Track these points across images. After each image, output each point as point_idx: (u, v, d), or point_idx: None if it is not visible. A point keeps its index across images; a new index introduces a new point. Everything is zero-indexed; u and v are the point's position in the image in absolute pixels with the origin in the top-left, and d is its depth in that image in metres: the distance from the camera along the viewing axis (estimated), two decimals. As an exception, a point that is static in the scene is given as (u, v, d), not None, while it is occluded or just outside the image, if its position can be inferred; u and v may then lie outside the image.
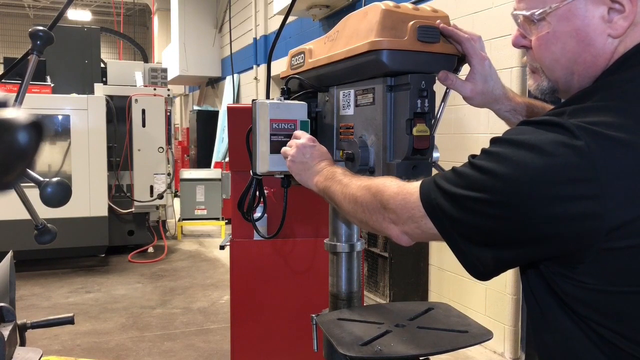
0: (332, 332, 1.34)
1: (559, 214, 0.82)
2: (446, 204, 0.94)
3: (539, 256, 0.90)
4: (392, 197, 1.04)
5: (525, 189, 0.84)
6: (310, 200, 2.93)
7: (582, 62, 0.96)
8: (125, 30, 14.20)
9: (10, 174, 0.57)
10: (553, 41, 0.97)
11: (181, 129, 14.62)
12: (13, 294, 1.30)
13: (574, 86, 0.99)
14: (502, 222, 0.87)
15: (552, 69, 1.00)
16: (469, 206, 0.90)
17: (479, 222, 0.90)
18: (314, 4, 6.52)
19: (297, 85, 1.59)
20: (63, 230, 2.03)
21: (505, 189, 0.86)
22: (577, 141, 0.82)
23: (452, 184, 0.94)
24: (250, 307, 3.08)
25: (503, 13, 3.82)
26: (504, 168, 0.86)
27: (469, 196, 0.90)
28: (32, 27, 1.23)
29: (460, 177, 0.93)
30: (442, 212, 0.94)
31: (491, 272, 0.94)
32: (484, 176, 0.89)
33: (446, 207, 0.93)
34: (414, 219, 1.00)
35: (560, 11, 0.95)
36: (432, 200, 0.96)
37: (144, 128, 6.91)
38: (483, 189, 0.88)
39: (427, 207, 0.97)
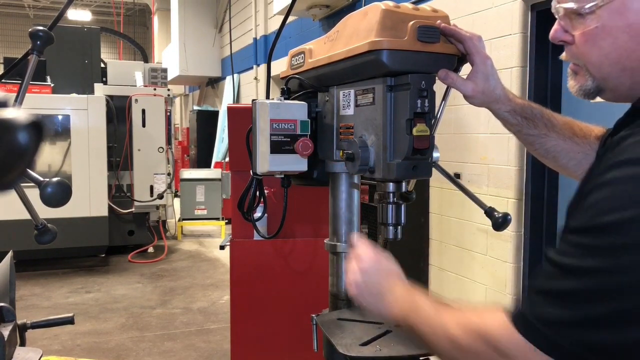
0: (332, 332, 1.34)
1: None
2: (584, 335, 0.74)
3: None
4: (509, 343, 0.84)
5: None
6: (310, 200, 2.94)
7: (636, 59, 0.89)
8: (125, 30, 14.21)
9: (10, 174, 0.57)
10: (603, 36, 0.91)
11: (181, 129, 14.62)
12: (13, 294, 1.30)
13: (625, 83, 0.93)
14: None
15: (600, 66, 0.93)
16: (625, 317, 0.72)
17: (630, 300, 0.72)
18: (314, 4, 6.52)
19: (297, 85, 1.59)
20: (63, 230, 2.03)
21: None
22: None
23: (576, 306, 0.75)
24: (250, 307, 3.08)
25: (503, 13, 3.82)
26: (633, 211, 0.72)
27: (622, 301, 0.72)
28: (32, 27, 1.23)
29: (572, 296, 0.76)
30: (581, 350, 0.75)
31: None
32: (631, 255, 0.71)
33: (586, 339, 0.75)
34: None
35: (614, 5, 0.89)
36: (549, 340, 0.77)
37: (144, 128, 6.91)
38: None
39: (548, 349, 0.78)
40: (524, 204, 3.75)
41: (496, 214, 1.34)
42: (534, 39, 3.68)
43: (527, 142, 1.35)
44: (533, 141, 1.33)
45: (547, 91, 3.72)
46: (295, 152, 1.45)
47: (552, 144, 1.30)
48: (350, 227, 1.63)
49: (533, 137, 1.32)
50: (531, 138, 1.33)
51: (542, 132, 1.31)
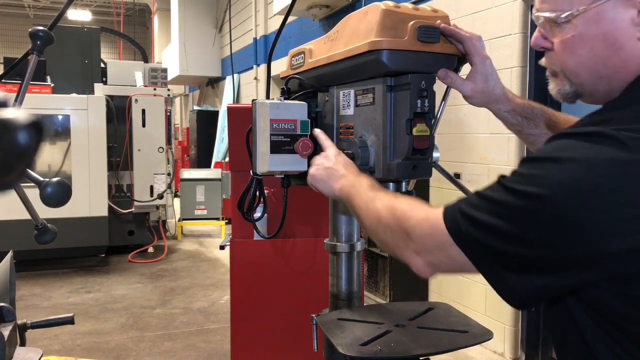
0: (332, 332, 1.34)
1: (617, 235, 0.77)
2: (480, 234, 0.87)
3: (592, 281, 0.84)
4: (418, 225, 0.98)
5: (579, 212, 0.78)
6: (310, 200, 2.93)
7: (612, 67, 0.92)
8: (125, 30, 14.20)
9: (10, 174, 0.57)
10: (580, 44, 0.93)
11: (181, 129, 14.62)
12: (13, 294, 1.30)
13: (600, 90, 0.95)
14: (552, 249, 0.81)
15: (577, 73, 0.96)
16: (508, 235, 0.84)
17: (522, 251, 0.83)
18: (314, 4, 6.52)
19: (297, 85, 1.59)
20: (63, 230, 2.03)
21: (554, 213, 0.79)
22: (633, 155, 0.77)
23: (482, 212, 0.87)
24: (250, 307, 3.08)
25: (503, 13, 3.82)
26: (549, 190, 0.80)
27: (507, 224, 0.84)
28: (32, 27, 1.23)
29: (492, 203, 0.87)
30: (475, 242, 0.88)
31: (536, 301, 0.89)
32: (523, 201, 0.82)
33: (480, 237, 0.87)
34: (441, 249, 0.93)
35: (588, 14, 0.91)
36: (462, 230, 0.89)
37: (144, 128, 6.91)
38: (525, 215, 0.82)
39: (456, 236, 0.90)
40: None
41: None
42: (534, 39, 3.68)
43: (529, 141, 1.35)
44: (534, 141, 1.33)
45: (547, 91, 3.71)
46: (295, 152, 1.45)
47: None
48: (350, 227, 1.63)
49: (534, 136, 1.32)
50: (532, 138, 1.33)
51: (543, 132, 1.31)
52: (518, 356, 3.85)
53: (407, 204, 1.04)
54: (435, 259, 0.96)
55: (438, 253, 0.95)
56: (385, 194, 1.13)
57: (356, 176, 1.24)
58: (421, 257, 0.98)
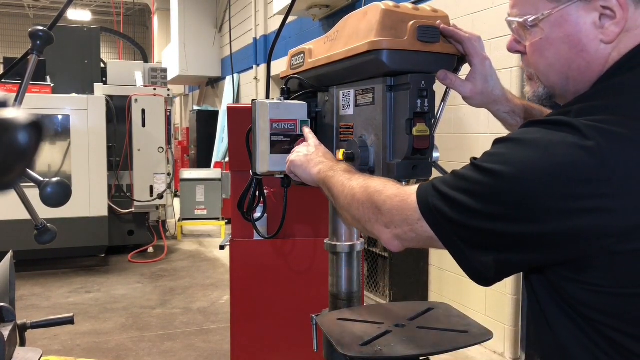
0: (332, 332, 1.34)
1: (569, 213, 0.81)
2: (445, 207, 0.91)
3: (546, 260, 0.88)
4: (388, 199, 1.02)
5: (534, 189, 0.82)
6: (310, 200, 2.94)
7: (577, 68, 0.96)
8: (125, 30, 14.20)
9: (10, 174, 0.57)
10: (547, 47, 0.98)
11: (181, 129, 14.62)
12: (13, 294, 1.30)
13: (569, 91, 0.99)
14: (508, 225, 0.85)
15: (547, 75, 1.00)
16: (471, 209, 0.88)
17: (482, 225, 0.87)
18: (314, 4, 6.52)
19: (297, 85, 1.59)
20: (63, 230, 2.03)
21: (512, 190, 0.84)
22: (587, 141, 0.81)
23: (451, 188, 0.92)
24: (250, 307, 3.08)
25: (503, 13, 3.81)
26: (510, 168, 0.85)
27: (471, 199, 0.88)
28: (32, 27, 1.23)
29: (460, 179, 0.91)
30: (441, 215, 0.92)
31: (494, 277, 0.92)
32: (487, 177, 0.87)
33: (445, 210, 0.91)
34: (408, 222, 0.98)
35: (553, 18, 0.95)
36: (430, 204, 0.94)
37: (144, 128, 6.91)
38: (486, 191, 0.87)
39: (424, 209, 0.95)
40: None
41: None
42: (534, 39, 3.68)
43: None
44: None
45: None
46: (295, 152, 1.45)
47: None
48: (350, 227, 1.62)
49: None
50: None
51: None
52: (518, 356, 3.85)
53: (381, 182, 1.09)
54: (402, 232, 1.00)
55: (405, 227, 0.99)
56: (361, 175, 1.17)
57: (334, 162, 1.30)
58: (389, 230, 1.02)
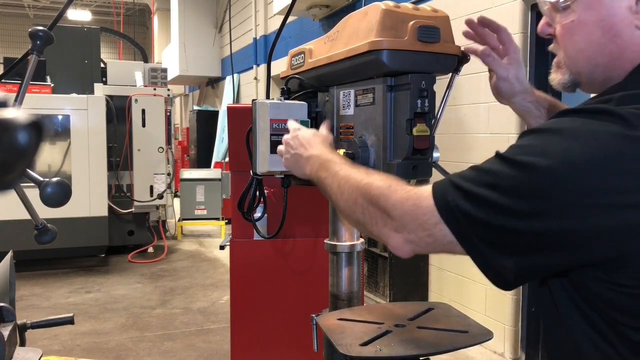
0: (332, 332, 1.34)
1: (615, 208, 0.75)
2: (468, 205, 0.83)
3: (580, 261, 0.81)
4: (398, 203, 0.94)
5: (577, 183, 0.76)
6: (310, 200, 2.93)
7: (608, 54, 0.91)
8: (125, 30, 14.20)
9: (10, 174, 0.57)
10: (578, 30, 0.94)
11: (181, 129, 14.62)
12: (13, 294, 1.30)
13: (597, 79, 0.94)
14: (541, 223, 0.78)
15: (576, 60, 0.95)
16: (499, 206, 0.80)
17: (510, 224, 0.80)
18: (314, 4, 6.52)
19: (297, 85, 1.59)
20: (63, 230, 2.03)
21: (551, 184, 0.77)
22: (634, 130, 0.76)
23: (475, 184, 0.84)
24: (250, 307, 3.07)
25: (503, 13, 3.82)
26: (548, 160, 0.77)
27: (500, 195, 0.80)
28: (32, 27, 1.23)
29: (485, 174, 0.84)
30: (463, 215, 0.84)
31: (518, 281, 0.86)
32: (520, 171, 0.79)
33: (468, 209, 0.83)
34: (425, 227, 0.89)
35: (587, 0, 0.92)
36: (450, 203, 0.86)
37: (144, 128, 6.91)
38: (520, 186, 0.79)
39: (443, 211, 0.87)
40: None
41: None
42: (534, 39, 3.68)
43: None
44: None
45: (547, 91, 3.71)
46: (295, 152, 1.45)
47: None
48: (350, 227, 1.63)
49: None
50: None
51: None
52: (518, 356, 3.85)
53: (384, 182, 1.00)
54: (416, 238, 0.92)
55: (420, 232, 0.91)
56: (357, 171, 1.09)
57: (324, 155, 1.22)
58: (400, 235, 0.94)
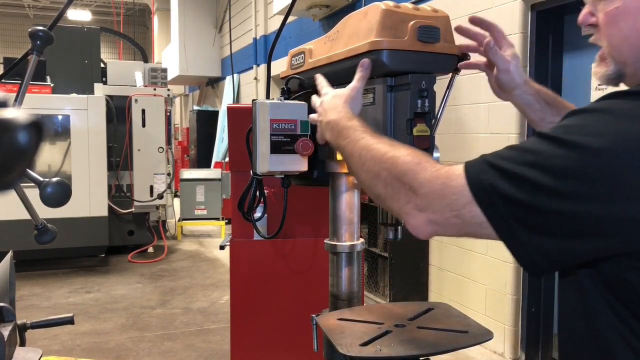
0: (332, 332, 1.33)
1: None
2: (507, 185, 0.79)
3: (624, 248, 0.78)
4: (427, 182, 0.89)
5: (632, 164, 0.72)
6: (310, 200, 2.94)
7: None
8: (125, 30, 14.20)
9: (10, 174, 0.57)
10: (622, 17, 0.90)
11: (181, 129, 14.62)
12: (13, 294, 1.30)
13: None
14: (587, 206, 0.75)
15: (620, 49, 0.91)
16: (543, 187, 0.77)
17: (554, 206, 0.76)
18: (314, 4, 6.52)
19: (297, 85, 1.59)
20: (63, 230, 2.03)
21: (603, 165, 0.74)
22: None
23: (515, 162, 0.80)
24: (250, 307, 3.07)
25: (503, 13, 3.82)
26: (601, 140, 0.74)
27: (545, 175, 0.77)
28: (32, 27, 1.23)
29: (527, 152, 0.81)
30: (499, 196, 0.80)
31: (551, 267, 0.83)
32: (569, 151, 0.76)
33: (506, 189, 0.79)
34: (453, 207, 0.86)
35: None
36: (484, 182, 0.82)
37: (144, 128, 6.91)
38: (569, 166, 0.76)
39: (476, 190, 0.83)
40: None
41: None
42: (534, 39, 3.68)
43: None
44: None
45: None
46: (296, 152, 1.45)
47: None
48: (350, 227, 1.62)
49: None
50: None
51: None
52: (518, 356, 3.85)
53: (412, 157, 0.95)
54: (441, 218, 0.88)
55: (447, 212, 0.87)
56: (380, 141, 1.03)
57: (345, 122, 1.15)
58: (424, 215, 0.90)
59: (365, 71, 1.22)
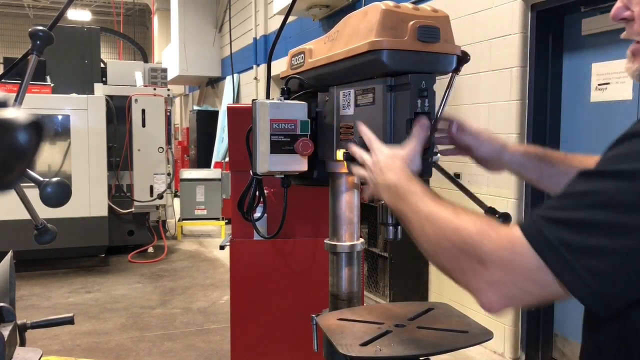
0: (332, 332, 1.33)
1: None
2: (576, 236, 0.72)
3: None
4: (493, 252, 0.81)
5: None
6: (310, 200, 2.94)
7: None
8: (125, 30, 14.20)
9: (10, 174, 0.57)
10: None
11: (181, 129, 14.62)
12: (13, 294, 1.30)
13: None
14: None
15: None
16: (617, 227, 0.70)
17: (632, 243, 0.70)
18: (314, 4, 6.52)
19: (297, 85, 1.59)
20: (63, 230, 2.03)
21: None
22: None
23: (575, 209, 0.74)
24: (250, 307, 3.07)
25: (503, 13, 3.82)
26: None
27: (613, 213, 0.70)
28: (32, 27, 1.23)
29: (583, 196, 0.74)
30: (570, 250, 0.73)
31: (628, 310, 0.76)
32: (626, 182, 0.71)
33: (577, 240, 0.72)
34: (527, 274, 0.78)
35: None
36: (550, 240, 0.75)
37: (144, 128, 6.91)
38: (632, 198, 0.70)
39: (544, 251, 0.75)
40: (523, 204, 3.75)
41: (496, 214, 1.34)
42: (534, 39, 3.68)
43: (552, 184, 1.28)
44: (559, 181, 1.25)
45: (547, 91, 3.72)
46: (295, 152, 1.45)
47: None
48: (350, 227, 1.62)
49: (557, 177, 1.26)
50: (555, 179, 1.26)
51: (562, 170, 1.25)
52: (518, 356, 3.85)
53: (474, 224, 0.87)
54: (517, 289, 0.80)
55: (522, 281, 0.79)
56: (441, 206, 0.98)
57: (403, 183, 1.08)
58: (497, 289, 0.81)
59: (425, 131, 1.18)
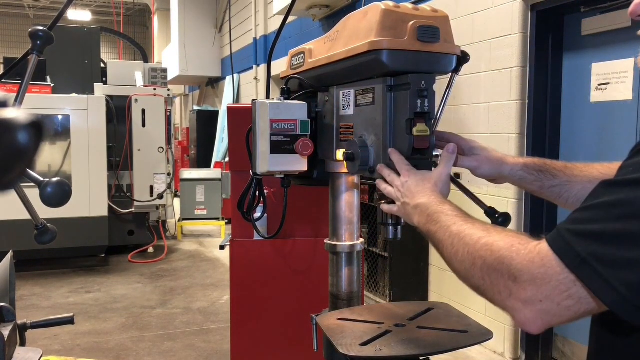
0: (332, 332, 1.34)
1: None
2: (607, 249, 0.71)
3: None
4: (525, 268, 0.79)
5: None
6: (310, 200, 2.94)
7: None
8: (125, 30, 14.20)
9: (10, 174, 0.57)
10: None
11: (181, 129, 14.62)
12: (13, 294, 1.30)
13: None
14: None
15: None
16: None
17: None
18: (314, 4, 6.52)
19: (297, 85, 1.59)
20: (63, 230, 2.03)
21: None
22: None
23: (604, 222, 0.72)
24: (250, 307, 3.08)
25: (503, 13, 3.82)
26: None
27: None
28: (32, 27, 1.23)
29: (611, 207, 0.73)
30: (602, 264, 0.71)
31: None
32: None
33: (608, 252, 0.71)
34: (562, 288, 0.76)
35: None
36: (581, 254, 0.73)
37: (144, 128, 6.91)
38: None
39: (575, 265, 0.74)
40: (524, 204, 3.75)
41: (496, 214, 1.34)
42: (534, 39, 3.68)
43: (555, 195, 1.28)
44: (560, 192, 1.26)
45: (547, 91, 3.72)
46: (295, 152, 1.45)
47: (579, 188, 1.23)
48: (350, 227, 1.62)
49: (558, 187, 1.26)
50: (557, 189, 1.27)
51: (564, 180, 1.25)
52: (518, 356, 3.85)
53: (504, 241, 0.86)
54: (553, 304, 0.77)
55: (557, 295, 0.77)
56: (474, 227, 0.96)
57: (434, 206, 1.09)
58: (533, 306, 0.79)
59: (452, 155, 1.20)
